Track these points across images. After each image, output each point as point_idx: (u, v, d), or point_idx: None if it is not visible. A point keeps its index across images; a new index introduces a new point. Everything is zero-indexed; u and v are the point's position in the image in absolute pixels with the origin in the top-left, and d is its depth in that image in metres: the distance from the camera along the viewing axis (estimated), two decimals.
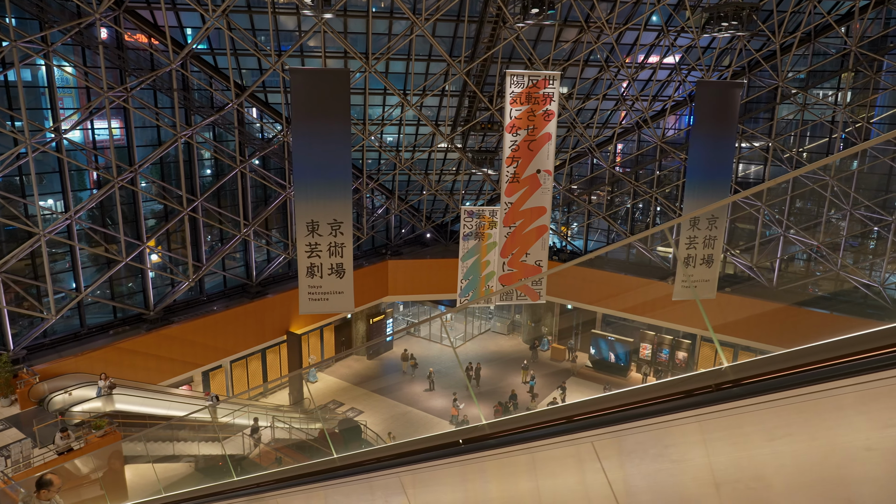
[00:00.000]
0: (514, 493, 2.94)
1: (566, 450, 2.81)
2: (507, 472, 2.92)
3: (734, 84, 21.53)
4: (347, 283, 20.10)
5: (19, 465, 14.46)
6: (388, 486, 3.28)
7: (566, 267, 6.86)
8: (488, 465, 2.92)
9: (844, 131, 26.06)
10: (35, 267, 20.72)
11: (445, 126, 27.79)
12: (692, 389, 2.84)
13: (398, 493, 3.17)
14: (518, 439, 2.88)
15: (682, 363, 30.68)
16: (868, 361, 2.63)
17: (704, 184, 21.80)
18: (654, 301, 29.69)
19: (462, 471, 3.00)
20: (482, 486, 3.02)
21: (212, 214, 25.27)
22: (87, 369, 20.39)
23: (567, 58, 25.78)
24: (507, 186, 20.56)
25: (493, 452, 2.89)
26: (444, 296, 33.27)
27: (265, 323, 26.85)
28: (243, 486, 5.36)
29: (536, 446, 2.87)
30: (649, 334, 31.69)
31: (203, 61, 23.28)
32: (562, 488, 2.88)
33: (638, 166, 31.50)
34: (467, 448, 2.99)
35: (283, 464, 19.16)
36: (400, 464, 3.18)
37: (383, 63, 24.80)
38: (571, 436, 2.77)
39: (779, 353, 2.94)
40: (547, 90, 19.79)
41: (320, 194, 18.68)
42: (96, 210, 22.08)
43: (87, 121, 20.92)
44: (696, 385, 2.89)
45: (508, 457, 2.88)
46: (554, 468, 2.85)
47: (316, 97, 18.02)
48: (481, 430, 3.08)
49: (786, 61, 25.73)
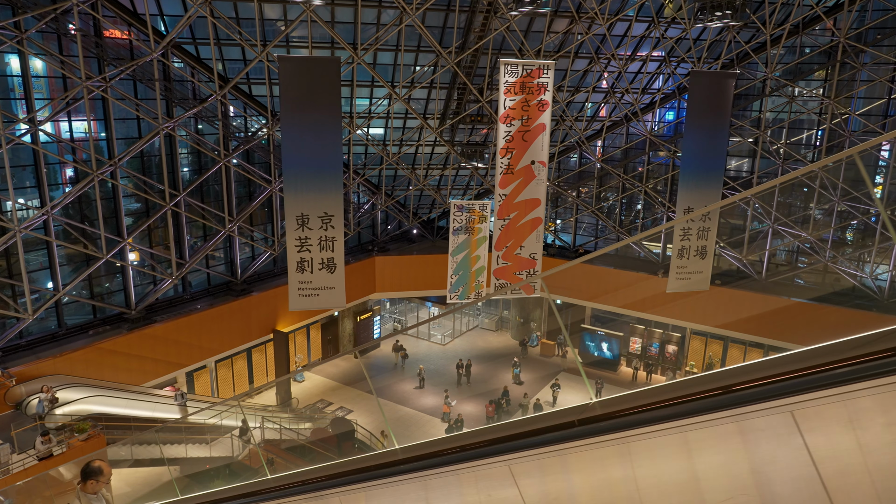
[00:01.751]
0: (660, 482, 2.49)
1: (708, 431, 2.37)
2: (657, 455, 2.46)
3: (728, 74, 21.40)
4: (339, 278, 19.60)
5: None
6: (491, 477, 2.82)
7: (574, 264, 6.37)
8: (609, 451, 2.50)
9: (832, 123, 26.16)
10: (10, 265, 19.82)
11: (434, 119, 27.32)
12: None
13: (506, 485, 2.72)
14: (678, 413, 2.42)
15: (672, 357, 30.62)
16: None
17: (698, 174, 21.68)
18: (644, 295, 29.59)
19: (579, 458, 2.57)
20: (601, 475, 2.58)
21: (195, 210, 24.49)
22: (67, 371, 19.57)
23: (557, 49, 25.49)
24: (502, 178, 20.14)
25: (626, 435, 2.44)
26: (431, 292, 32.82)
27: (251, 321, 26.15)
28: (306, 480, 4.56)
29: (688, 425, 2.41)
30: (639, 328, 31.58)
31: (185, 51, 22.52)
32: (710, 478, 2.44)
33: (626, 160, 31.36)
34: (586, 430, 2.53)
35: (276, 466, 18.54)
36: (511, 448, 2.72)
37: (370, 55, 24.26)
38: (722, 413, 2.33)
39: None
40: (541, 80, 19.43)
41: (310, 187, 18.17)
42: (74, 206, 21.21)
43: (63, 112, 20.05)
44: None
45: (656, 437, 2.42)
46: (709, 453, 2.40)
47: (305, 86, 17.49)
48: (620, 404, 2.57)
49: (774, 53, 25.74)
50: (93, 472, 5.42)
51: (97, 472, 5.43)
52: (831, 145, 26.63)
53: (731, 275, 29.43)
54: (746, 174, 29.90)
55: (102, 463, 5.52)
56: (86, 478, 5.41)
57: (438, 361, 31.96)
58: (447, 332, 35.35)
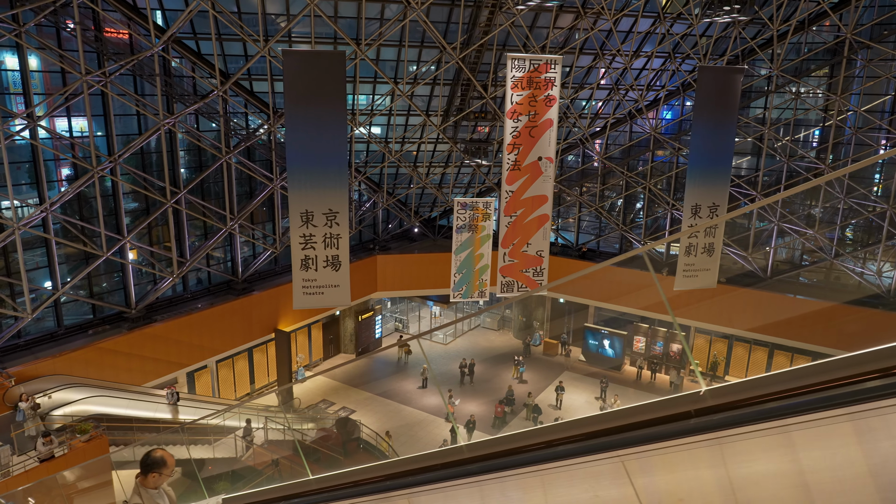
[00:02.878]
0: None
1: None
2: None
3: (736, 69, 21.19)
4: (343, 275, 19.31)
5: None
6: (601, 475, 2.54)
7: (599, 268, 6.06)
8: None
9: (838, 119, 26.00)
10: (8, 264, 19.44)
11: (437, 116, 27.04)
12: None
13: (619, 483, 2.43)
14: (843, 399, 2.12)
15: (676, 355, 30.41)
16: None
17: (706, 170, 21.46)
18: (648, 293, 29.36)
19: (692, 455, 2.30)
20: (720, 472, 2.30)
21: (195, 207, 24.15)
22: (67, 371, 19.20)
23: (562, 45, 25.25)
24: (508, 174, 19.90)
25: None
26: (433, 291, 32.56)
27: (252, 320, 25.81)
28: (396, 474, 4.05)
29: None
30: (643, 327, 31.37)
31: (185, 46, 22.19)
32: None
33: (630, 157, 31.15)
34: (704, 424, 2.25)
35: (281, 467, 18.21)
36: (624, 443, 2.43)
37: (373, 50, 23.97)
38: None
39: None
40: (548, 75, 19.18)
41: (315, 183, 17.84)
42: (73, 204, 20.84)
43: (62, 108, 19.69)
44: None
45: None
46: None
47: (309, 81, 17.16)
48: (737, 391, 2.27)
49: (781, 49, 25.55)
50: (155, 463, 4.65)
51: (160, 463, 4.65)
52: (837, 142, 26.47)
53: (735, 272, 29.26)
54: (746, 171, 29.69)
55: (165, 452, 4.73)
56: (147, 470, 4.65)
57: (441, 361, 31.69)
58: (449, 331, 35.08)
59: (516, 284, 21.38)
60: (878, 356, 2.18)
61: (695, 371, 29.65)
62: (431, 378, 28.57)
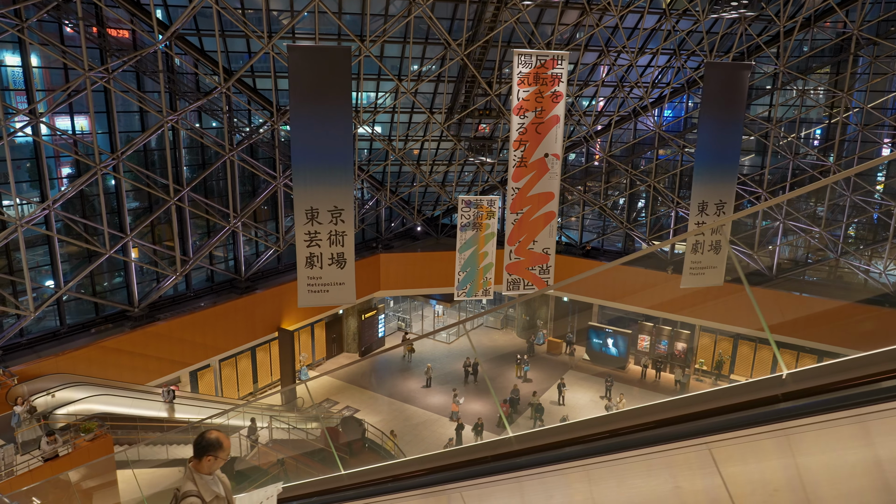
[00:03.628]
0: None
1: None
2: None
3: (743, 65, 21.02)
4: (349, 273, 19.16)
5: (1, 474, 13.18)
6: (682, 464, 2.36)
7: (610, 266, 5.95)
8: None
9: (844, 116, 25.87)
10: (11, 262, 19.28)
11: (441, 113, 26.88)
12: None
13: (703, 472, 2.26)
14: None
15: (681, 354, 30.26)
16: None
17: (712, 167, 21.29)
18: (653, 292, 29.22)
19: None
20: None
21: (198, 205, 23.98)
22: (70, 370, 19.04)
23: (567, 42, 25.11)
24: (515, 171, 19.73)
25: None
26: (436, 290, 32.40)
27: (255, 319, 25.65)
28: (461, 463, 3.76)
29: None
30: (647, 325, 31.22)
31: (188, 43, 22.03)
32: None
33: (634, 155, 31.00)
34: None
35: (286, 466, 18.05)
36: (711, 429, 2.26)
37: (377, 48, 23.82)
38: None
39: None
40: (555, 71, 19.02)
41: (320, 180, 17.67)
42: (76, 202, 20.67)
43: (65, 104, 19.52)
44: None
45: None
46: None
47: (315, 77, 17.01)
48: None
49: (787, 46, 25.41)
50: (210, 445, 4.13)
51: (215, 445, 4.14)
52: (843, 139, 26.34)
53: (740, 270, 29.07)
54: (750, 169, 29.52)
55: (220, 434, 4.22)
56: (201, 453, 4.14)
57: (444, 360, 31.53)
58: (452, 330, 34.91)
59: (522, 282, 21.21)
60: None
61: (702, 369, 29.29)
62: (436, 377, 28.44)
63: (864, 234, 28.23)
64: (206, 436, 4.19)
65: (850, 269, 27.30)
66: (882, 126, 25.76)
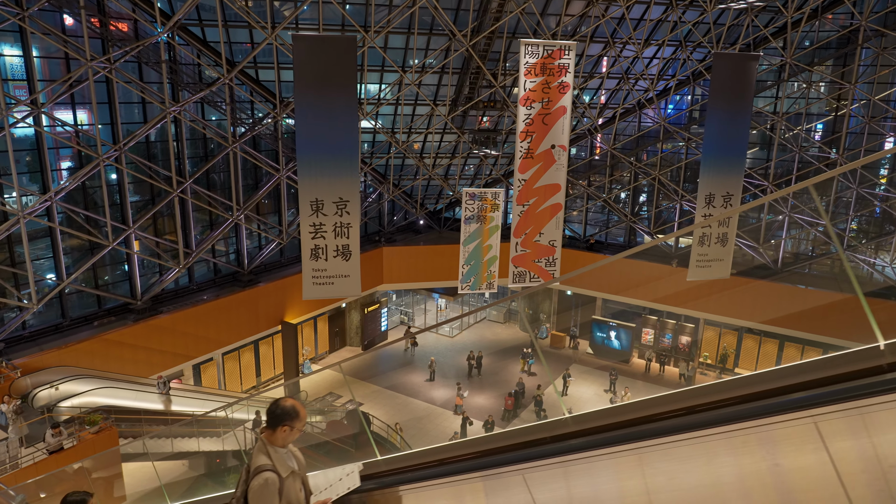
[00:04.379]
0: None
1: None
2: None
3: (751, 56, 20.86)
4: (354, 265, 19.05)
5: (6, 467, 13.04)
6: (781, 440, 2.21)
7: (617, 258, 5.65)
8: None
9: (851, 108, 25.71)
10: (12, 254, 19.11)
11: (445, 105, 26.67)
12: None
13: (808, 448, 2.12)
14: None
15: (685, 347, 30.17)
16: None
17: (720, 159, 21.15)
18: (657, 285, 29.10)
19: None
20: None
21: (201, 198, 23.79)
22: (73, 362, 18.90)
23: (572, 33, 24.91)
24: (521, 162, 19.55)
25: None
26: (439, 283, 32.26)
27: (258, 312, 25.50)
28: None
29: None
30: (651, 319, 31.12)
31: (191, 33, 21.80)
32: None
33: (638, 148, 30.83)
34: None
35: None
36: (816, 401, 2.10)
37: (380, 39, 23.61)
38: None
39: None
40: (562, 61, 18.84)
41: (324, 171, 17.50)
42: (77, 194, 20.48)
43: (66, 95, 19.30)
44: None
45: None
46: None
47: (320, 66, 16.81)
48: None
49: (794, 37, 25.22)
50: (286, 414, 3.70)
51: (291, 414, 3.70)
52: (850, 132, 26.17)
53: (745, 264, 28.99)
54: (755, 161, 29.38)
55: (296, 403, 3.80)
56: (276, 422, 3.72)
57: (447, 353, 31.43)
58: (455, 324, 34.81)
59: (528, 275, 21.06)
60: None
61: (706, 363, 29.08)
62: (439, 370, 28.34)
63: (867, 228, 28.12)
64: (281, 404, 3.79)
65: (856, 262, 27.19)
66: (887, 118, 25.60)
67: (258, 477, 3.65)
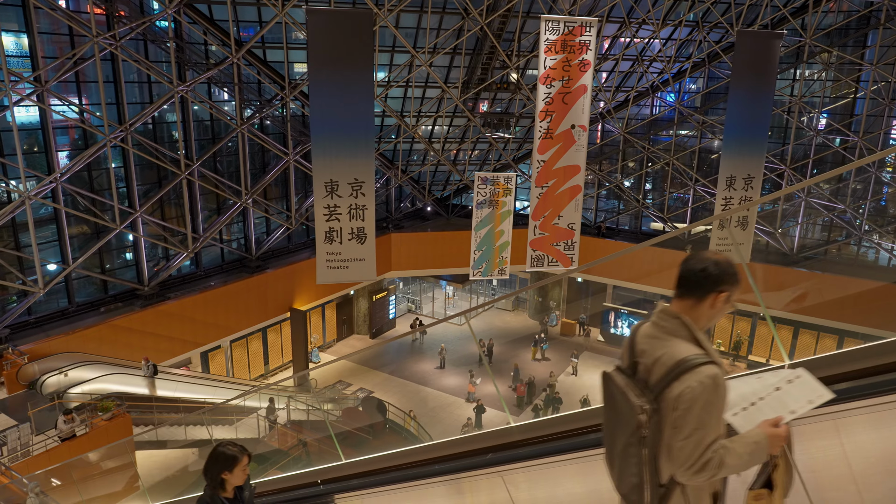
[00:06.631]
0: None
1: None
2: None
3: (774, 34, 20.36)
4: (369, 248, 18.63)
5: (17, 455, 12.56)
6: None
7: (642, 246, 5.24)
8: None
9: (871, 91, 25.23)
10: (17, 238, 18.55)
11: (457, 87, 26.09)
12: None
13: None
14: None
15: None
16: None
17: (741, 140, 20.70)
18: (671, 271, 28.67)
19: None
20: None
21: (209, 181, 23.21)
22: (80, 348, 18.40)
23: (588, 12, 24.32)
24: (540, 143, 19.05)
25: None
26: (448, 270, 31.77)
27: (267, 299, 24.99)
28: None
29: None
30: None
31: (198, 11, 21.17)
32: None
33: (652, 132, 30.32)
34: None
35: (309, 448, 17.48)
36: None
37: (392, 18, 22.99)
38: None
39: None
40: (583, 38, 18.28)
41: (340, 151, 17.01)
42: (83, 177, 19.89)
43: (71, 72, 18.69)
44: None
45: None
46: None
47: (335, 42, 16.26)
48: None
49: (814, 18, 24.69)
50: (723, 273, 2.45)
51: (731, 273, 2.47)
52: (871, 114, 25.70)
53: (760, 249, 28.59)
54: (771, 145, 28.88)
55: (721, 257, 2.53)
56: (704, 287, 2.48)
57: (456, 341, 30.99)
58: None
59: (546, 258, 20.58)
60: None
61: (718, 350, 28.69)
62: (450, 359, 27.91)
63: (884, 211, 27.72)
64: (710, 257, 2.50)
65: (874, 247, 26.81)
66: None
67: (697, 373, 2.27)
